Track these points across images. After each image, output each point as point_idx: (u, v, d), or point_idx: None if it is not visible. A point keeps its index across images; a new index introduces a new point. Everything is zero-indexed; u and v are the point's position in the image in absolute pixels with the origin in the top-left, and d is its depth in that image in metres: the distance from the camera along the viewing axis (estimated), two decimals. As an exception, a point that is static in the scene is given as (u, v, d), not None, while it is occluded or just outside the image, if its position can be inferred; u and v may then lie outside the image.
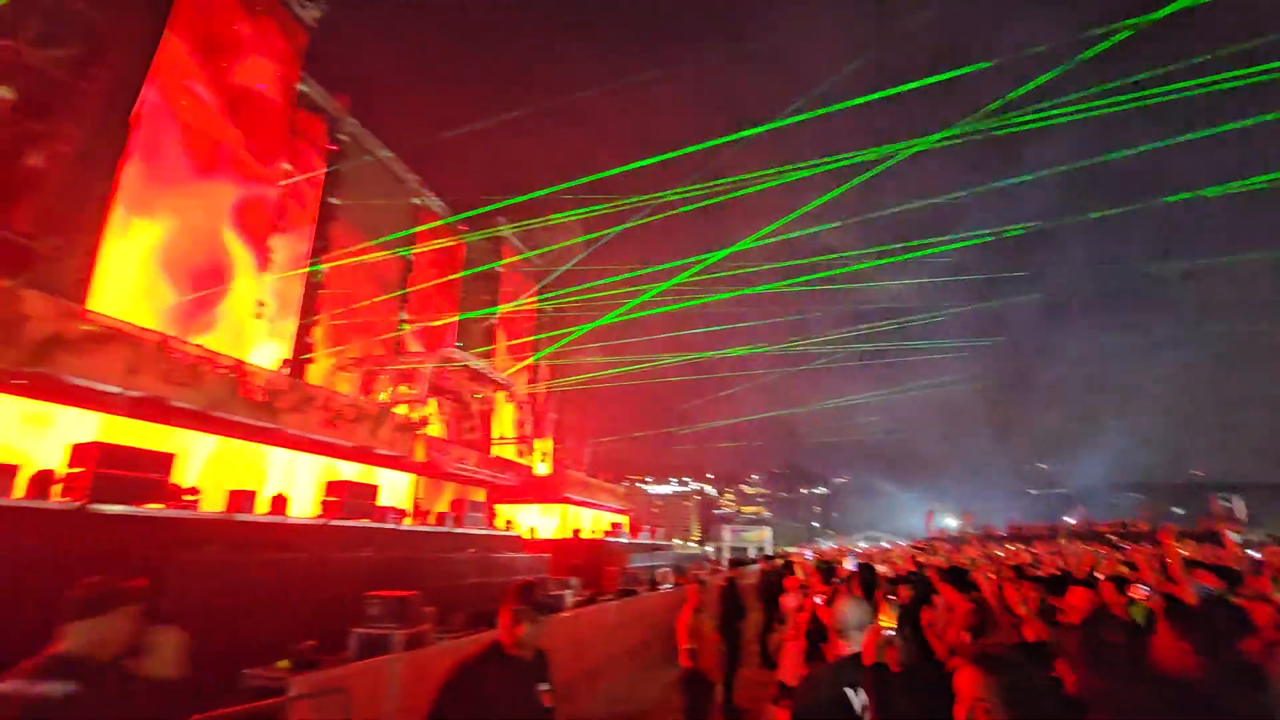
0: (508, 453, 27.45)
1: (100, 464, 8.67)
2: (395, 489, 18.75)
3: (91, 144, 13.82)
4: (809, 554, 30.04)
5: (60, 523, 7.98)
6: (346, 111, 21.95)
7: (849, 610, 3.00)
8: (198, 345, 12.74)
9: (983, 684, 1.70)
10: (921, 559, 15.20)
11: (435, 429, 23.15)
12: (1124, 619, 4.25)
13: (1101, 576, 6.82)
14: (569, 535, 25.17)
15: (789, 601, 8.26)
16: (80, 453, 8.89)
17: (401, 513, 15.69)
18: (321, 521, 12.58)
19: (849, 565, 10.48)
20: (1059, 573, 8.21)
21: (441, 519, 16.92)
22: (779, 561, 16.11)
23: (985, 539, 35.71)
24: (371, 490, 14.63)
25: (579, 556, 20.88)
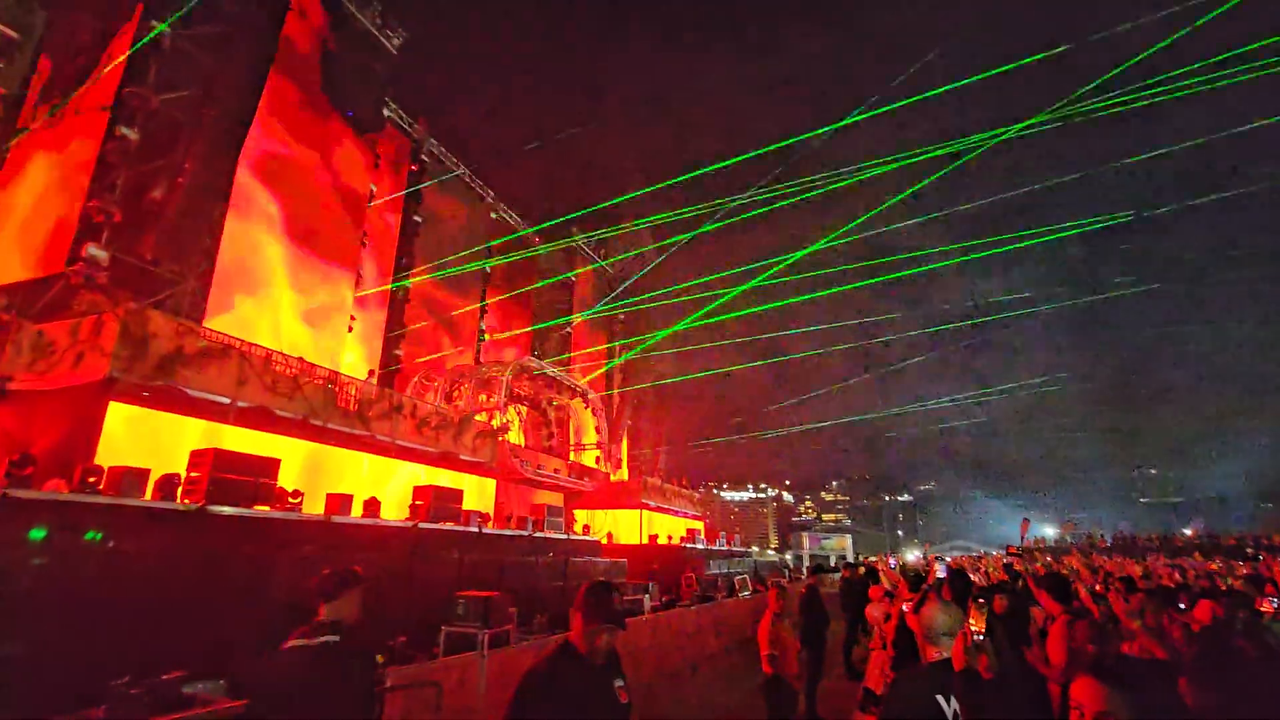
0: (586, 459, 27.87)
1: (215, 469, 9.41)
2: (478, 493, 19.37)
3: (204, 176, 15.12)
4: (893, 562, 28.89)
5: (183, 522, 8.71)
6: (426, 132, 23.02)
7: (938, 615, 2.87)
8: (298, 358, 13.62)
9: (1107, 697, 1.61)
10: (1018, 566, 14.36)
11: (515, 436, 23.80)
12: (1251, 633, 3.89)
13: (1224, 589, 6.26)
14: (646, 540, 25.27)
15: (875, 611, 8.00)
16: (198, 458, 9.67)
17: (485, 516, 16.19)
18: (410, 524, 13.16)
19: (940, 573, 10.03)
20: (1173, 585, 7.58)
21: (522, 523, 17.34)
22: (861, 570, 15.57)
23: (1089, 549, 33.32)
24: (457, 495, 15.17)
25: (656, 562, 20.92)
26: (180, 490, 9.28)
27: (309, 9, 17.60)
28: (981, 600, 3.17)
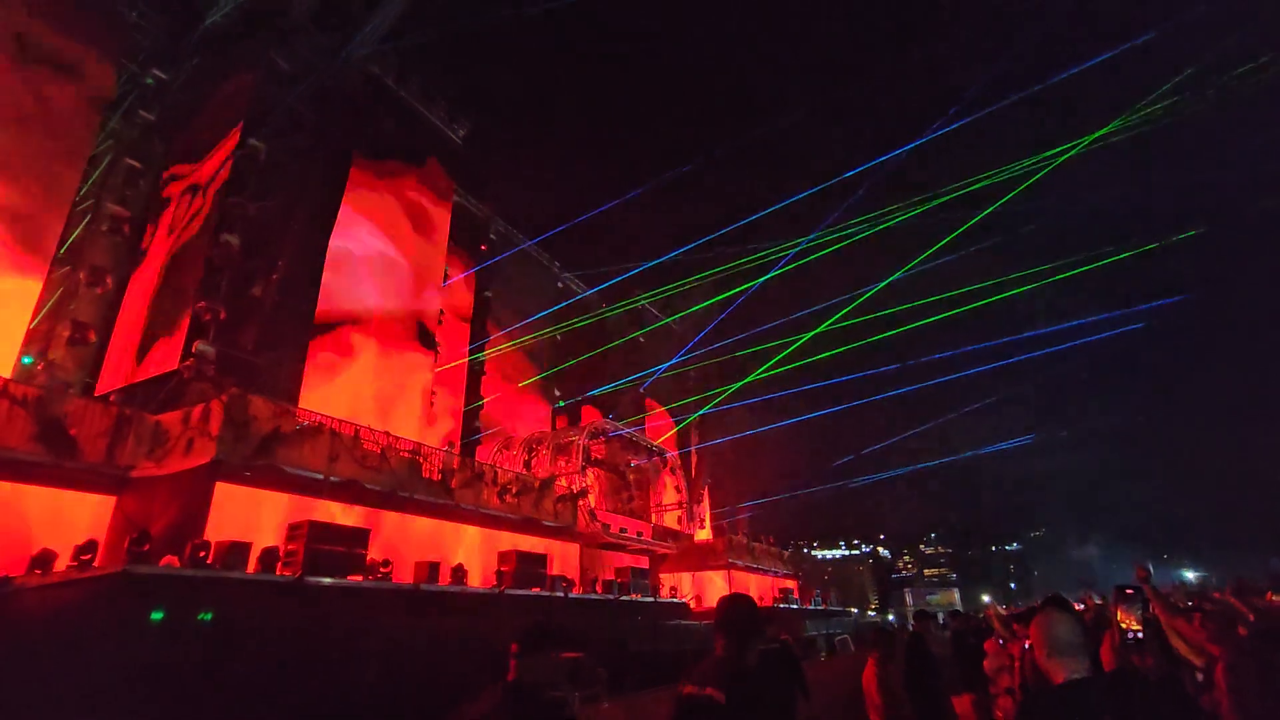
0: (668, 520, 27.38)
1: (311, 540, 9.79)
2: (561, 558, 19.26)
3: (295, 272, 16.41)
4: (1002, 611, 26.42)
5: (282, 593, 9.03)
6: (492, 213, 24.35)
7: (1059, 624, 2.47)
8: (384, 432, 14.21)
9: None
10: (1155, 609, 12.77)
11: (595, 500, 23.70)
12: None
13: None
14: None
15: (992, 662, 7.30)
16: (294, 531, 10.09)
17: (570, 581, 16.04)
18: (497, 590, 13.17)
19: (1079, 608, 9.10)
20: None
21: (607, 588, 17.06)
22: (976, 620, 14.29)
23: (1240, 591, 29.47)
24: (541, 559, 15.15)
25: (749, 623, 19.98)
26: (280, 563, 9.67)
27: (382, 111, 19.27)
28: (1131, 591, 2.73)
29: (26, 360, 14.56)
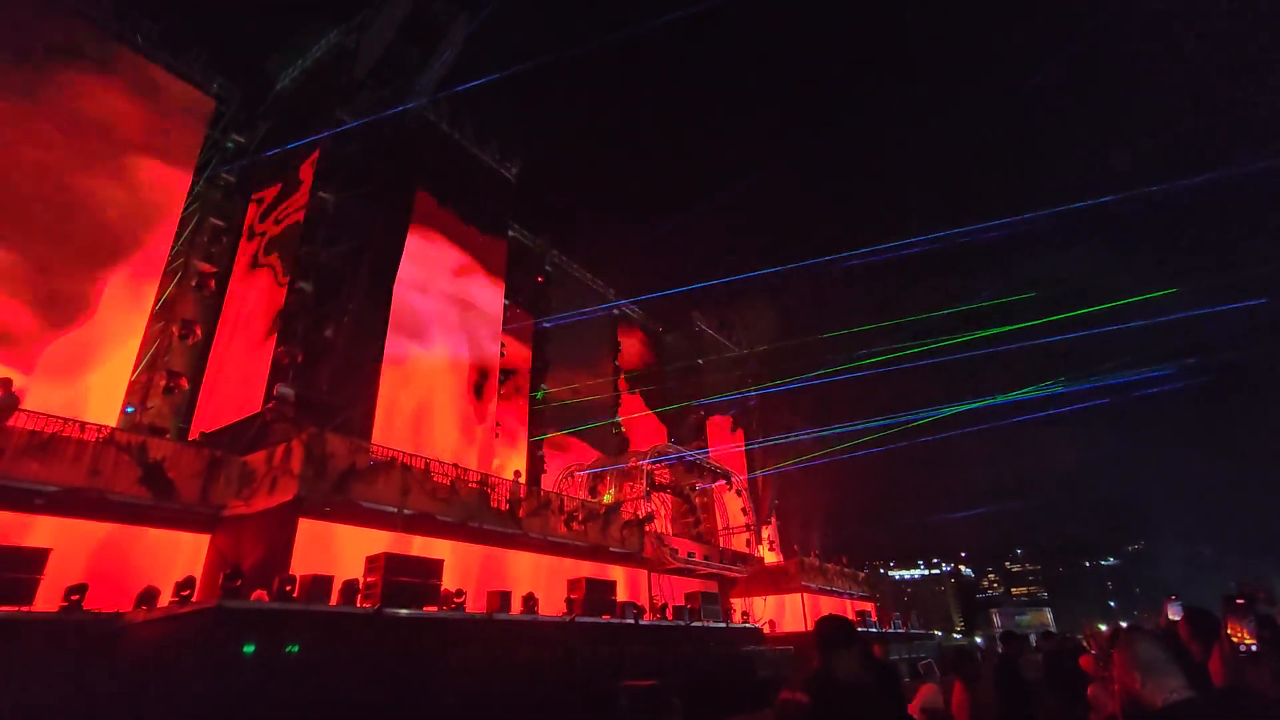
0: (736, 543, 26.95)
1: (388, 572, 10.09)
2: (630, 585, 19.17)
3: (364, 314, 17.18)
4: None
5: (363, 625, 9.33)
6: (549, 246, 24.96)
7: (1147, 646, 2.28)
8: (453, 464, 14.60)
9: None
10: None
11: (662, 525, 23.58)
12: None
13: None
14: (811, 627, 23.55)
15: (1099, 690, 6.82)
16: (372, 563, 10.43)
17: (639, 607, 15.93)
18: (567, 618, 13.21)
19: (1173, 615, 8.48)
20: None
21: (678, 613, 16.85)
22: (1072, 640, 13.40)
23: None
24: (610, 586, 15.12)
25: (825, 648, 19.31)
26: (360, 594, 10.00)
27: (437, 155, 20.19)
28: (1241, 601, 2.56)
29: (129, 410, 15.70)
